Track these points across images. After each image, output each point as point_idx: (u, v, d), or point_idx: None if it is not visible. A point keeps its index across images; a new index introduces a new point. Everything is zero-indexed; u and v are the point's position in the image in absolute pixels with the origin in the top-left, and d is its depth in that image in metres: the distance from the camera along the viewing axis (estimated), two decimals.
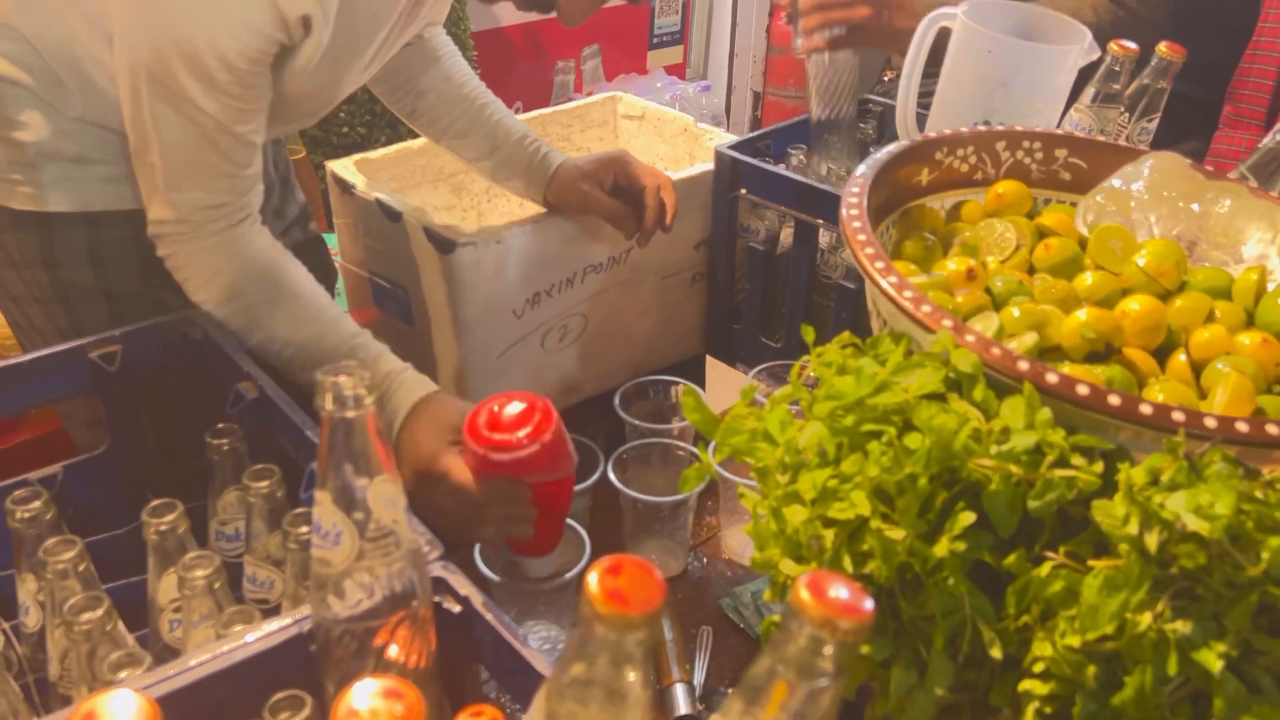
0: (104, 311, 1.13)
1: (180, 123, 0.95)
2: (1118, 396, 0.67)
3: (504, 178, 1.39)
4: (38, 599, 0.83)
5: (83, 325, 1.10)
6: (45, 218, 1.08)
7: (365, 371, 0.58)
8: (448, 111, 1.39)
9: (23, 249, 1.09)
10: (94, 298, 1.12)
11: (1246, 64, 1.41)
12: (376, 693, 0.41)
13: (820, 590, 0.41)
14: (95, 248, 1.10)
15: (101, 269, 1.12)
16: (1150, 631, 0.58)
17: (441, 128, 1.40)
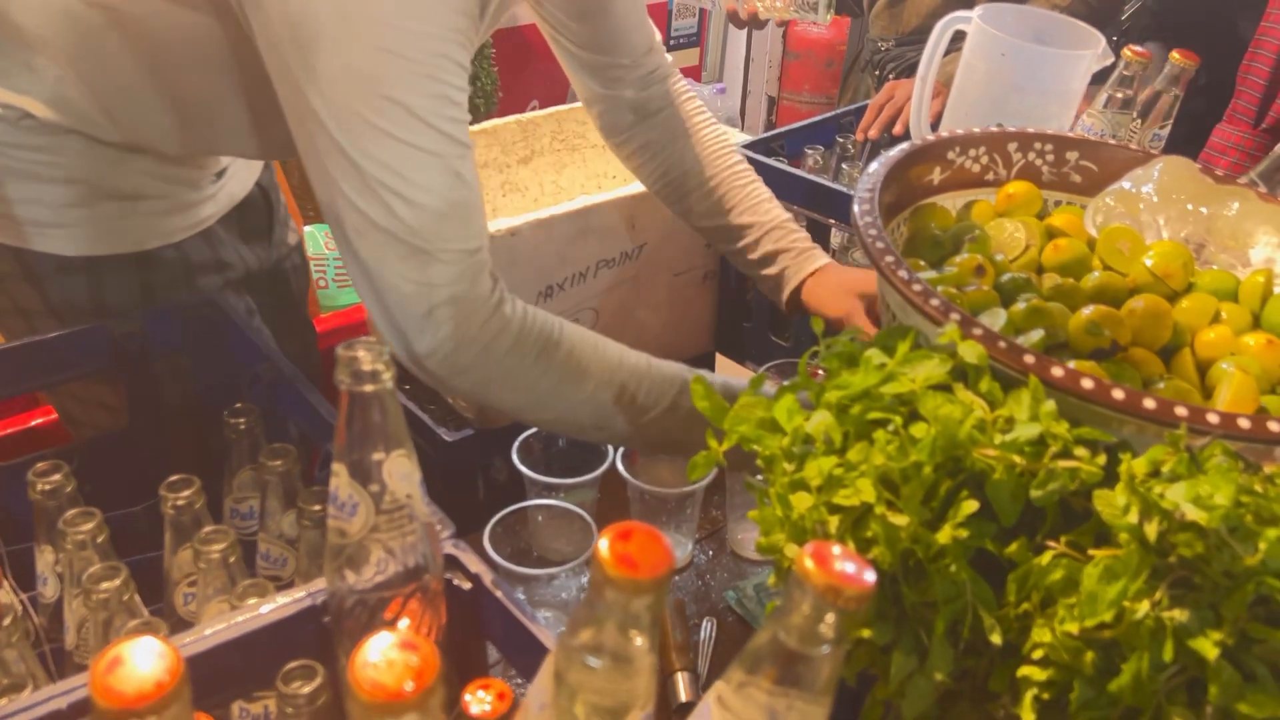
0: None
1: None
2: (1122, 391, 0.68)
3: (755, 263, 1.20)
4: (56, 570, 0.85)
5: None
6: (96, 262, 1.03)
7: (385, 346, 0.59)
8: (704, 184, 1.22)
9: (68, 295, 1.03)
10: None
11: (1247, 61, 1.42)
12: (392, 645, 0.42)
13: (824, 559, 0.43)
14: (147, 290, 1.05)
15: None
16: (1148, 619, 0.59)
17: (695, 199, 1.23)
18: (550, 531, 1.18)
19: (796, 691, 0.44)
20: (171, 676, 0.40)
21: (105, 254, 1.02)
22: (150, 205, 1.04)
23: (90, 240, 1.01)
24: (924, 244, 0.93)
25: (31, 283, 1.02)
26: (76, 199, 0.99)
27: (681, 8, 2.93)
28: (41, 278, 1.02)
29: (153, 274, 1.05)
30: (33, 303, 1.03)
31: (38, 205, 0.99)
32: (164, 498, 0.82)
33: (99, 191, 1.00)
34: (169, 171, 1.04)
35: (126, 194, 1.02)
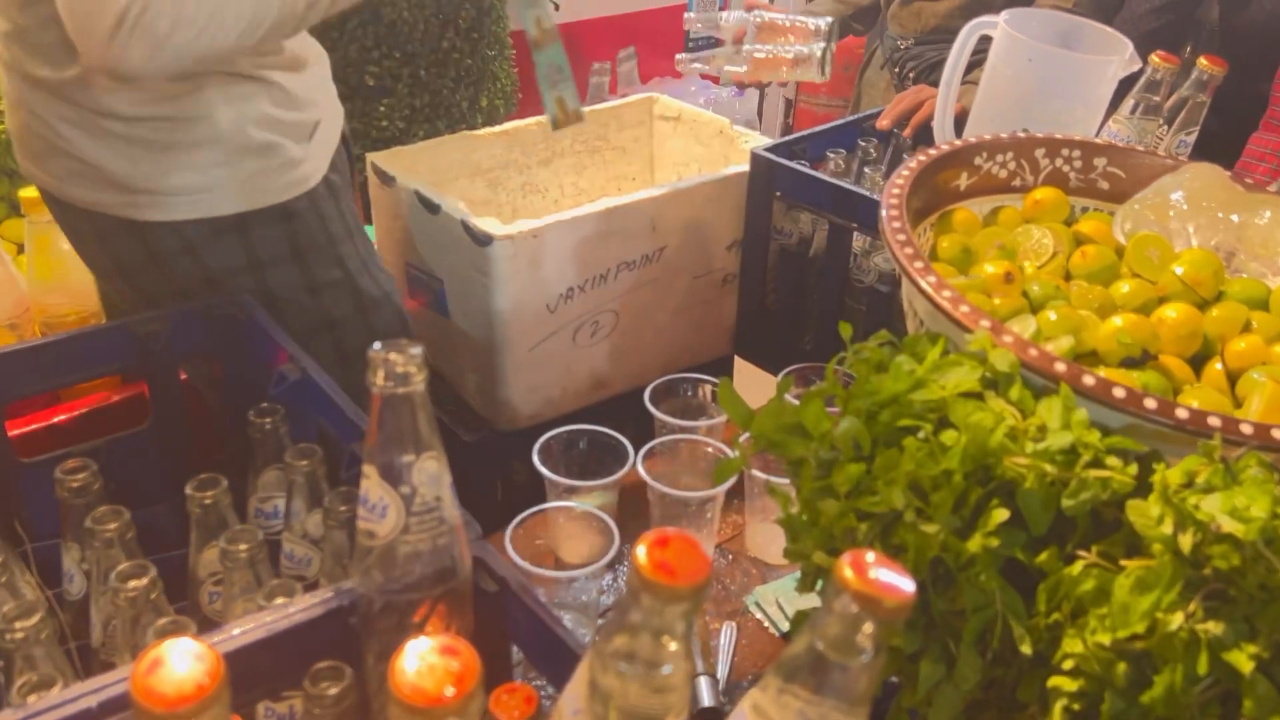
0: (310, 307, 1.14)
1: None
2: (1154, 400, 0.68)
3: None
4: (82, 567, 0.85)
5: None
6: (245, 219, 1.08)
7: (417, 348, 0.59)
8: None
9: (225, 259, 1.09)
10: (299, 293, 1.14)
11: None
12: (433, 649, 0.42)
13: (863, 568, 0.42)
14: (293, 240, 1.11)
15: (303, 262, 1.13)
16: (1181, 631, 0.59)
17: None
18: (570, 534, 1.18)
19: (833, 701, 0.44)
20: (212, 679, 0.40)
21: (253, 209, 1.08)
22: (278, 155, 1.09)
23: (238, 197, 1.07)
24: (951, 250, 0.93)
25: (191, 254, 1.08)
26: (220, 158, 1.05)
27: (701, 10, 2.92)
28: (199, 246, 1.07)
29: (295, 225, 1.12)
30: (192, 279, 1.09)
31: (187, 171, 1.04)
32: (190, 496, 0.82)
33: (235, 147, 1.05)
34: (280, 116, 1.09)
35: (258, 147, 1.07)
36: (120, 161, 1.03)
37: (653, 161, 1.84)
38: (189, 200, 1.06)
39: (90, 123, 1.02)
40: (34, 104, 1.04)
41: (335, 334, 1.17)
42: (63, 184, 1.06)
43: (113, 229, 1.07)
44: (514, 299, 1.33)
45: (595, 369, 1.48)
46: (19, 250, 1.53)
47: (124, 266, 1.10)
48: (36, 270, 1.33)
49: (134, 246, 1.07)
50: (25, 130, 1.07)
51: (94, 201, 1.06)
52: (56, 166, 1.06)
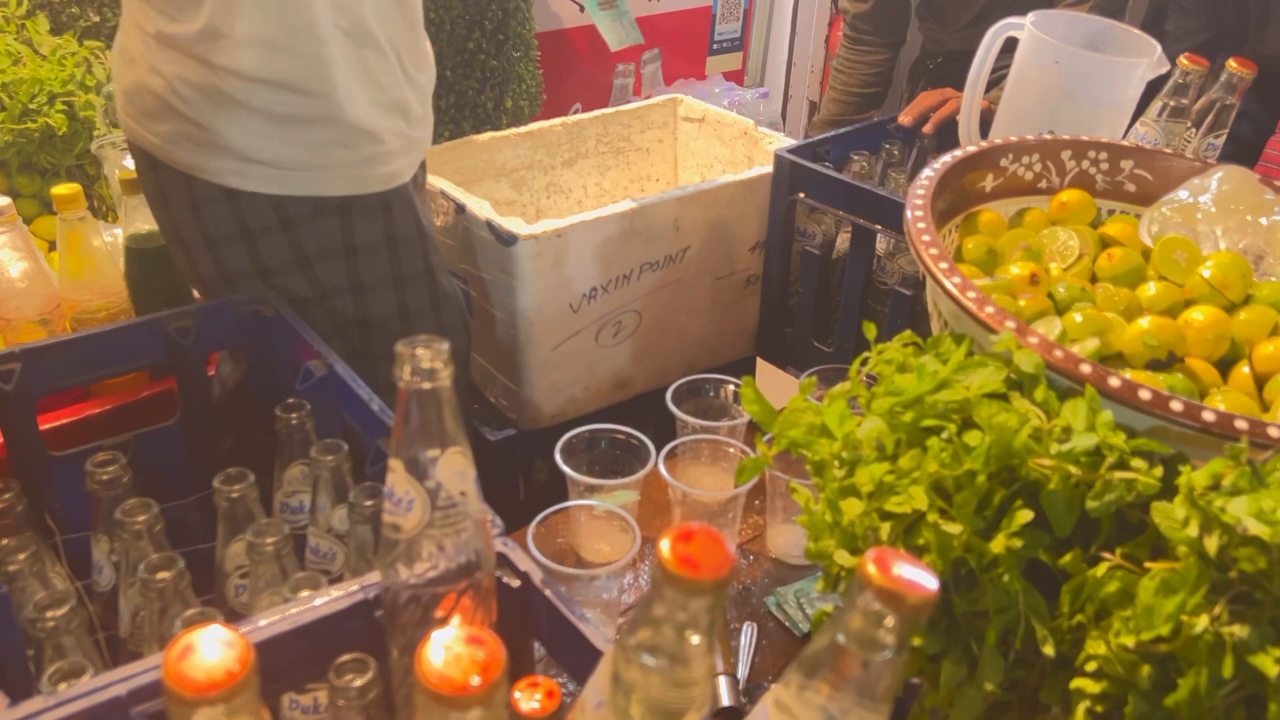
0: (392, 297, 1.16)
1: None
2: (1180, 402, 0.67)
3: None
4: (111, 559, 0.86)
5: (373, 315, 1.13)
6: (349, 203, 1.09)
7: (444, 345, 0.60)
8: None
9: (322, 239, 1.10)
10: (386, 282, 1.15)
11: None
12: (459, 638, 0.42)
13: (887, 565, 0.43)
14: (390, 230, 1.13)
15: (395, 253, 1.15)
16: (1206, 634, 0.59)
17: None
18: (592, 532, 1.18)
19: (855, 698, 0.44)
20: (242, 666, 0.41)
21: (358, 194, 1.10)
22: (391, 142, 1.11)
23: (347, 180, 1.08)
24: (976, 251, 0.92)
25: (287, 232, 1.09)
26: (337, 138, 1.06)
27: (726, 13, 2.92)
28: (298, 223, 1.08)
29: (393, 216, 1.13)
30: (281, 257, 1.09)
31: (301, 147, 1.05)
32: (218, 490, 0.83)
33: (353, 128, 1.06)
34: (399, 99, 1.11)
35: (373, 131, 1.08)
36: (235, 128, 1.03)
37: (676, 163, 1.85)
38: (298, 176, 1.06)
39: (211, 85, 1.01)
40: (156, 61, 1.03)
41: (409, 325, 1.18)
42: (169, 146, 1.05)
43: (210, 197, 1.06)
44: (538, 298, 1.34)
45: (617, 369, 1.48)
46: (50, 247, 1.55)
47: (211, 238, 1.09)
48: (68, 267, 1.35)
49: (228, 217, 1.07)
50: (139, 88, 1.06)
51: (198, 166, 1.05)
52: (165, 127, 1.05)
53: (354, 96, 1.06)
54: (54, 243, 1.55)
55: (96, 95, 1.62)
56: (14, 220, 1.30)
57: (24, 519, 0.82)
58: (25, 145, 1.55)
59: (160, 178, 1.09)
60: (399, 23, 1.10)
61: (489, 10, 1.84)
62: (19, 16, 1.69)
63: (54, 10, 1.75)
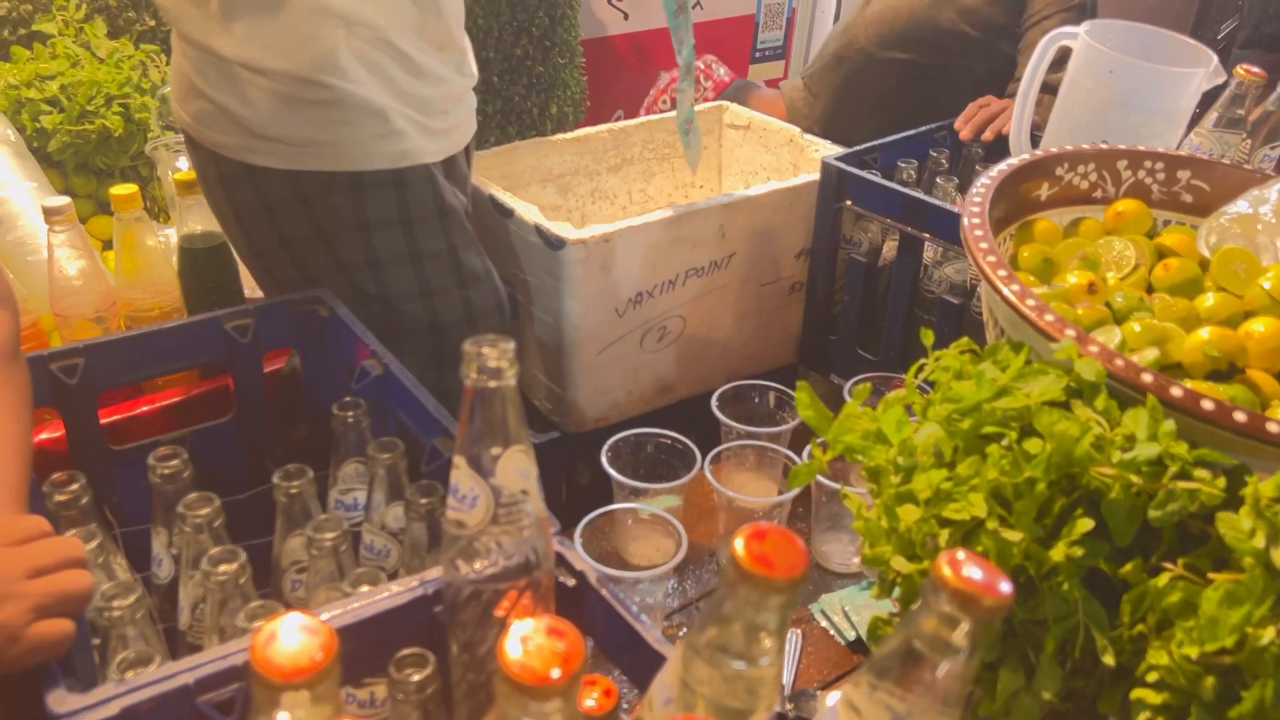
0: (410, 273, 1.18)
1: None
2: (1243, 413, 0.67)
3: None
4: (171, 552, 0.87)
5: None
6: (358, 178, 1.13)
7: (510, 344, 0.60)
8: None
9: (336, 214, 1.13)
10: (403, 259, 1.17)
11: None
12: (539, 630, 0.43)
13: (960, 568, 0.43)
14: (403, 208, 1.16)
15: (410, 229, 1.17)
16: (1273, 646, 0.58)
17: None
18: (636, 536, 1.18)
19: (926, 700, 0.44)
20: (326, 653, 0.41)
21: (366, 170, 1.12)
22: (397, 122, 1.13)
23: (353, 157, 1.11)
24: (1031, 259, 0.92)
25: (303, 205, 1.12)
26: (341, 116, 1.09)
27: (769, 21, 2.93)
28: (312, 198, 1.12)
29: (406, 193, 1.15)
30: (301, 230, 1.13)
31: (309, 125, 1.09)
32: (277, 485, 0.84)
33: (357, 108, 1.09)
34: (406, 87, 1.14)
35: (377, 110, 1.11)
36: (247, 106, 1.08)
37: (721, 169, 1.86)
38: (305, 152, 1.10)
39: (226, 68, 1.07)
40: (184, 46, 1.10)
41: (431, 302, 1.20)
42: (198, 124, 1.12)
43: (234, 174, 1.12)
44: (584, 302, 1.35)
45: (661, 374, 1.49)
46: (104, 246, 1.58)
47: (240, 213, 1.15)
48: (123, 265, 1.37)
49: (250, 193, 1.12)
50: (177, 71, 1.14)
51: (219, 143, 1.11)
52: (193, 107, 1.11)
53: (358, 82, 1.09)
54: (109, 242, 1.57)
55: (152, 98, 1.65)
56: (72, 219, 1.33)
57: (88, 511, 0.84)
58: (82, 146, 1.58)
59: (196, 156, 1.16)
60: (424, 27, 1.14)
61: (536, 17, 1.85)
62: (77, 20, 1.73)
63: (111, 14, 1.78)
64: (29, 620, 0.63)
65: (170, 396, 1.12)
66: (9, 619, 0.63)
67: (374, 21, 1.09)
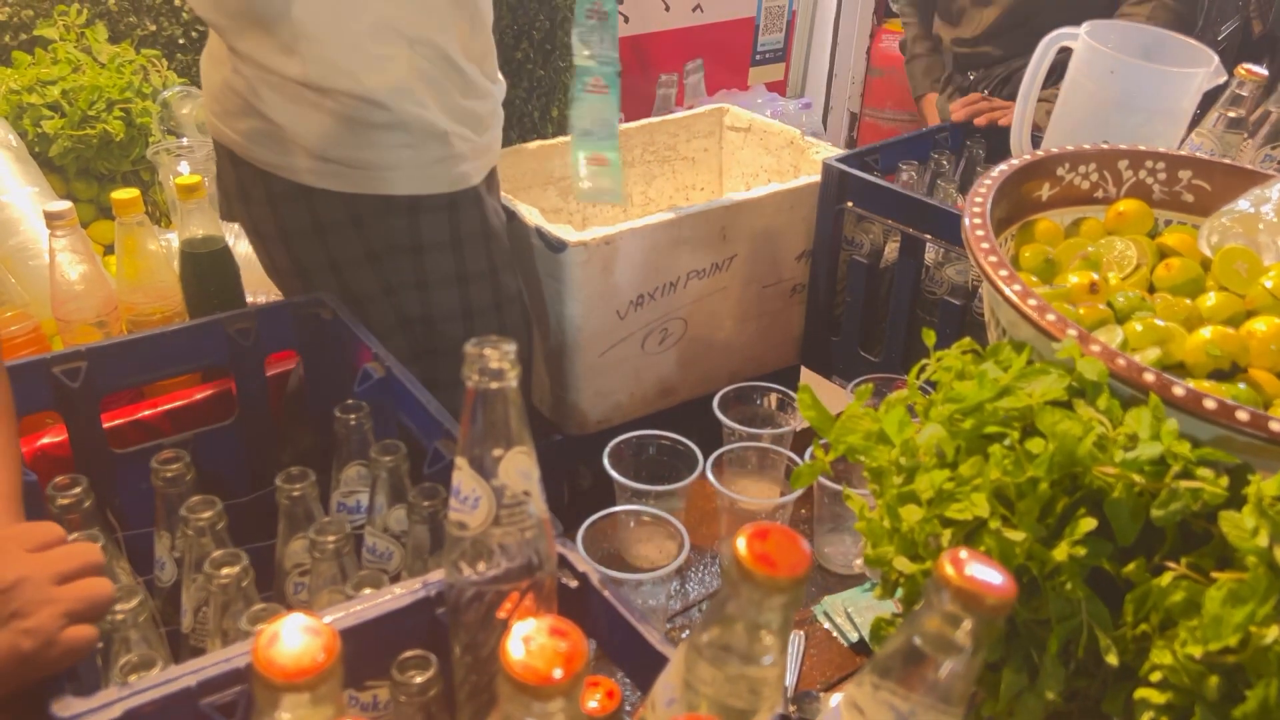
0: (456, 295, 1.19)
1: None
2: (1246, 412, 0.67)
3: None
4: (173, 555, 0.87)
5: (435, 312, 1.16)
6: (416, 202, 1.13)
7: (511, 346, 0.60)
8: None
9: (390, 237, 1.13)
10: (450, 280, 1.18)
11: None
12: (543, 629, 0.43)
13: (963, 566, 0.43)
14: (455, 230, 1.16)
15: (460, 252, 1.17)
16: (1276, 645, 0.58)
17: None
18: (638, 538, 1.18)
19: (929, 699, 0.44)
20: (328, 655, 0.41)
21: (426, 194, 1.13)
22: (458, 144, 1.14)
23: (415, 180, 1.12)
24: (1033, 260, 0.92)
25: (357, 227, 1.12)
26: (406, 140, 1.10)
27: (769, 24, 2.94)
28: (367, 220, 1.12)
29: (459, 215, 1.16)
30: (352, 251, 1.13)
31: (372, 148, 1.09)
32: (280, 488, 0.84)
33: (421, 131, 1.10)
34: (465, 105, 1.14)
35: (441, 134, 1.12)
36: (309, 129, 1.07)
37: (722, 172, 1.85)
38: (369, 175, 1.10)
39: (288, 88, 1.06)
40: (238, 65, 1.08)
41: (470, 324, 1.21)
42: (249, 144, 1.10)
43: (286, 193, 1.11)
44: (585, 305, 1.35)
45: (663, 376, 1.49)
46: (106, 251, 1.58)
47: (287, 232, 1.14)
48: (125, 270, 1.37)
49: (302, 213, 1.12)
50: (225, 88, 1.11)
51: (275, 164, 1.10)
52: (246, 125, 1.10)
53: (423, 105, 1.09)
54: (110, 246, 1.58)
55: (153, 102, 1.65)
56: (73, 224, 1.33)
57: (90, 514, 0.84)
58: (84, 151, 1.58)
59: (241, 174, 1.14)
60: (472, 41, 1.14)
61: (536, 21, 1.86)
62: (79, 25, 1.73)
63: (112, 19, 1.78)
64: (62, 625, 0.65)
65: (173, 400, 1.12)
66: (44, 624, 0.64)
67: (434, 39, 1.09)
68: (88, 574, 0.68)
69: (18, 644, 0.63)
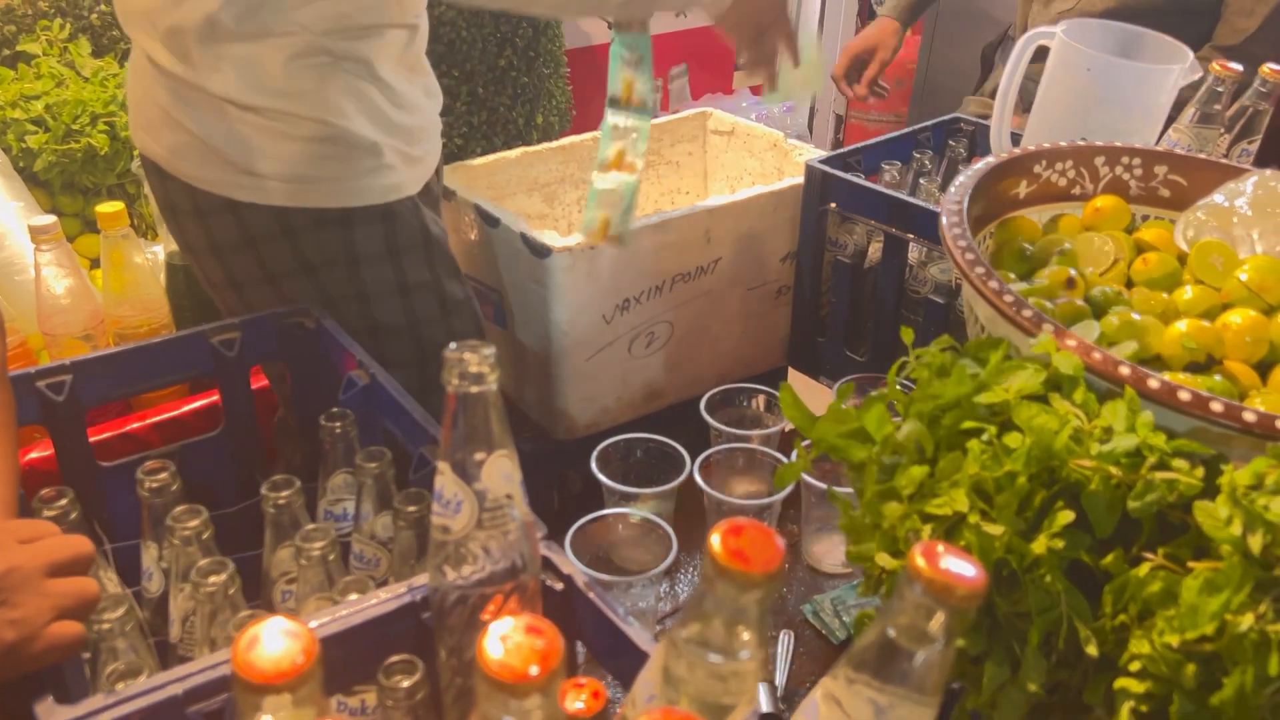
0: (398, 305, 1.18)
1: None
2: (1220, 403, 0.68)
3: None
4: (161, 565, 0.88)
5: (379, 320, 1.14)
6: (349, 214, 1.11)
7: (490, 349, 0.61)
8: None
9: (324, 249, 1.12)
10: (391, 291, 1.16)
11: None
12: (519, 628, 0.43)
13: (935, 558, 0.43)
14: (391, 240, 1.15)
15: (398, 261, 1.16)
16: (1251, 632, 0.59)
17: None
18: (628, 541, 1.19)
19: (904, 690, 0.45)
20: (307, 657, 0.42)
21: (358, 206, 1.11)
22: (388, 155, 1.13)
23: (346, 193, 1.10)
24: (1011, 257, 0.93)
25: (289, 240, 1.11)
26: (333, 152, 1.08)
27: None
28: (299, 233, 1.10)
29: (395, 225, 1.15)
30: (286, 264, 1.11)
31: (299, 162, 1.07)
32: (265, 497, 0.84)
33: (349, 144, 1.08)
34: (394, 118, 1.13)
35: (370, 145, 1.10)
36: (233, 142, 1.05)
37: (706, 176, 1.86)
38: (296, 188, 1.08)
39: (213, 103, 1.04)
40: (156, 78, 1.07)
41: (418, 333, 1.19)
42: (173, 157, 1.08)
43: (214, 207, 1.09)
44: (571, 310, 1.35)
45: (650, 379, 1.49)
46: (92, 265, 1.58)
47: (218, 245, 1.11)
48: (110, 283, 1.38)
49: (232, 226, 1.09)
50: (148, 101, 1.09)
51: (200, 178, 1.08)
52: (169, 139, 1.08)
53: (352, 119, 1.08)
54: (96, 260, 1.58)
55: None
56: (59, 238, 1.33)
57: (77, 526, 0.84)
58: (68, 165, 1.58)
59: (168, 187, 1.12)
60: (406, 55, 1.14)
61: (520, 28, 1.86)
62: (62, 40, 1.73)
63: (95, 34, 1.79)
64: (49, 619, 0.64)
65: (161, 413, 1.12)
66: (30, 616, 0.63)
67: (363, 55, 1.08)
68: (79, 566, 0.67)
69: (1, 634, 0.62)
